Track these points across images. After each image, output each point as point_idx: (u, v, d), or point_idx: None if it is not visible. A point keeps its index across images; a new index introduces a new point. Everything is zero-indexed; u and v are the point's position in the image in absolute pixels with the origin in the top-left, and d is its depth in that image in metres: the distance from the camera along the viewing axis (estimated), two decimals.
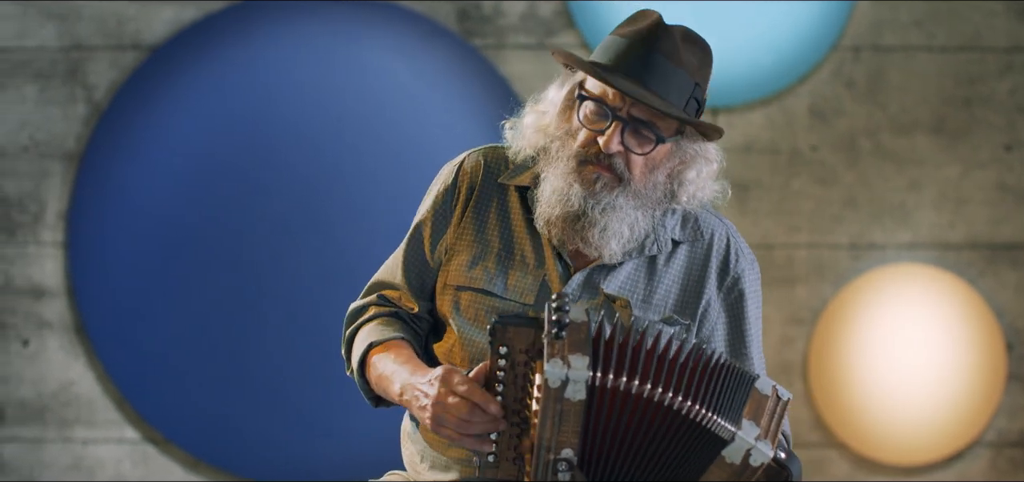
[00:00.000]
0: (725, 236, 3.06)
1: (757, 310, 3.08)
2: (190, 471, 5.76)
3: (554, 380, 2.68)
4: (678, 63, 2.92)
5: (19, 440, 5.79)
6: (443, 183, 3.08)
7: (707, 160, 3.01)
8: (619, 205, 2.92)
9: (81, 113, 5.77)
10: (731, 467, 2.70)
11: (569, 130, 2.96)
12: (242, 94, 5.72)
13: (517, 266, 2.99)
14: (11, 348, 5.80)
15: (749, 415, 2.70)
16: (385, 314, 3.07)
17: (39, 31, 5.77)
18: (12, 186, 5.78)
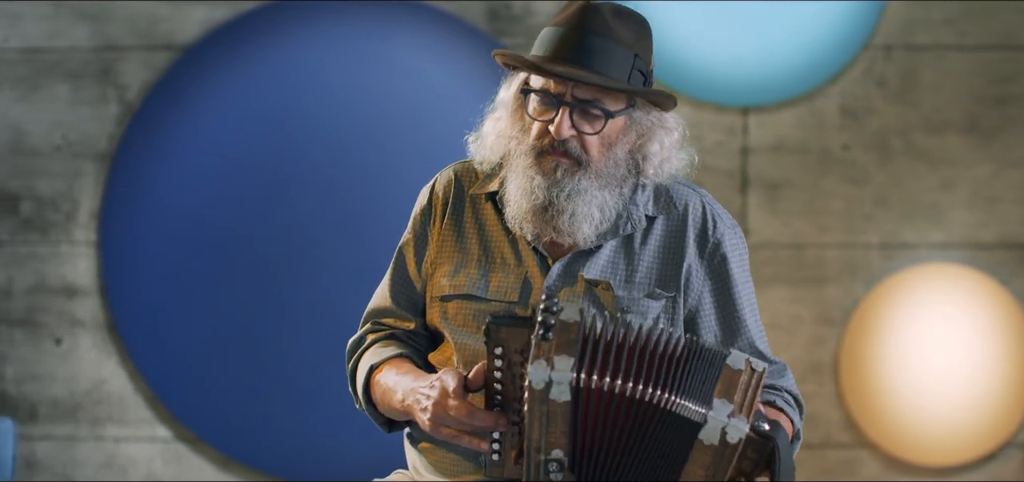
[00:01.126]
0: (700, 204, 3.06)
1: (743, 273, 3.07)
2: (221, 469, 5.78)
3: (538, 382, 2.70)
4: (613, 39, 2.93)
5: (52, 438, 5.82)
6: (419, 205, 3.14)
7: (667, 130, 3.03)
8: (583, 188, 2.95)
9: (113, 113, 5.80)
10: (711, 448, 2.68)
11: (523, 127, 2.99)
12: (273, 94, 5.73)
13: (498, 268, 3.03)
14: (44, 347, 5.82)
15: (721, 393, 2.69)
16: (382, 337, 3.12)
17: (72, 31, 5.79)
18: (45, 186, 5.81)
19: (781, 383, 3.05)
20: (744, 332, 3.04)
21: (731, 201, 5.59)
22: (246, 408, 5.73)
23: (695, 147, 5.56)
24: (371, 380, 3.05)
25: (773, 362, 3.06)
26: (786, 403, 3.02)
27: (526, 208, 2.97)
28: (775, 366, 3.06)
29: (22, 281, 5.81)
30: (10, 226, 5.81)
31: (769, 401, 3.00)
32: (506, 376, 2.78)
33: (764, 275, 5.59)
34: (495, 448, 2.81)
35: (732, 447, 2.68)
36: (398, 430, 3.10)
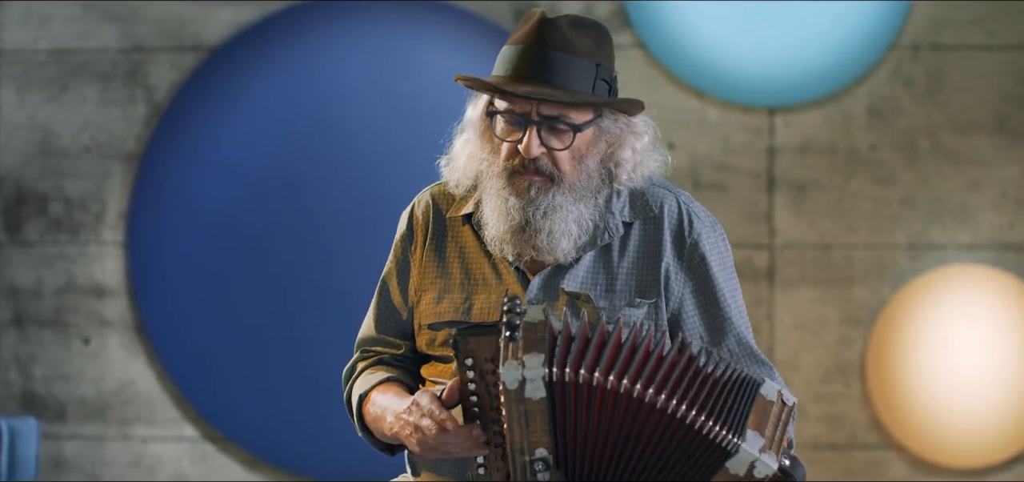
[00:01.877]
0: (676, 205, 3.04)
1: (724, 269, 3.04)
2: (248, 469, 5.79)
3: (511, 382, 2.69)
4: (573, 52, 2.91)
5: (80, 438, 5.84)
6: (399, 232, 3.14)
7: (637, 135, 3.01)
8: (558, 204, 2.93)
9: (141, 114, 5.81)
10: (735, 477, 2.67)
11: (492, 149, 2.97)
12: (300, 94, 5.74)
13: (480, 290, 3.02)
14: (73, 346, 5.84)
15: (754, 425, 2.67)
16: (370, 363, 3.12)
17: (100, 33, 5.81)
18: (74, 186, 5.82)
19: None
20: (731, 330, 3.00)
21: (758, 202, 5.58)
22: (273, 408, 5.74)
23: (721, 148, 5.58)
24: (363, 409, 3.06)
25: (763, 363, 3.02)
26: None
27: (504, 229, 2.95)
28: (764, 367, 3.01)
29: (51, 281, 5.83)
30: (39, 226, 5.83)
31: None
32: (480, 386, 2.77)
33: (790, 276, 5.57)
34: (480, 461, 2.81)
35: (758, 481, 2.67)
36: (401, 452, 3.10)
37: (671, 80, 5.61)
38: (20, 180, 5.83)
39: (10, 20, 5.83)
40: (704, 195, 5.58)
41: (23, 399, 5.83)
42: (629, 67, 5.61)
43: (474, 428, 2.80)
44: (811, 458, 5.55)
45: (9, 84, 5.84)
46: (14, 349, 5.84)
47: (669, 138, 5.61)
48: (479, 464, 2.80)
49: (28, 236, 5.83)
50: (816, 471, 5.56)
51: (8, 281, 5.84)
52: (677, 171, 5.60)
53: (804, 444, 5.56)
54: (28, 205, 5.84)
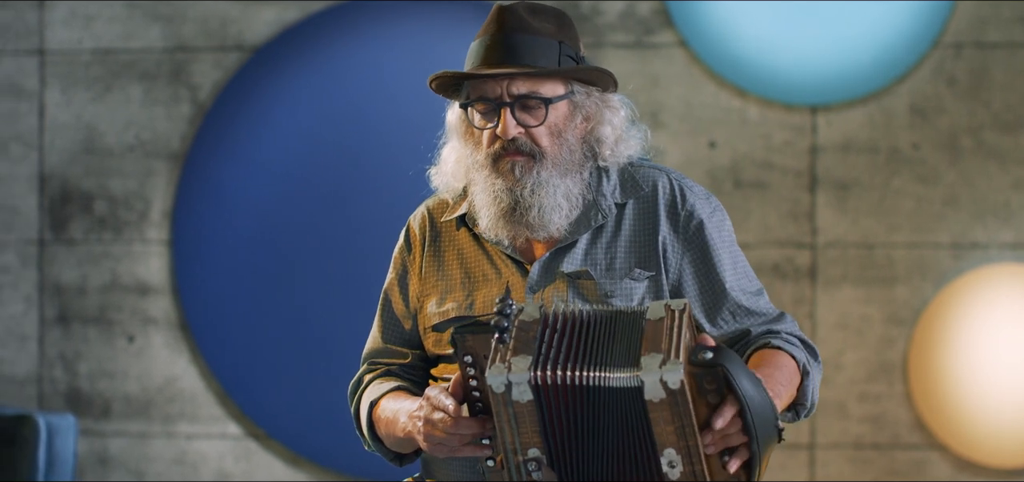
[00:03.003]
0: (668, 181, 3.08)
1: (722, 237, 3.06)
2: (290, 466, 5.81)
3: (497, 386, 2.70)
4: (533, 32, 2.99)
5: (125, 434, 5.87)
6: (398, 247, 3.21)
7: (613, 109, 3.06)
8: (544, 180, 2.99)
9: (185, 113, 5.84)
10: (662, 404, 2.64)
11: (474, 142, 3.03)
12: (342, 93, 5.76)
13: (481, 285, 3.07)
14: (117, 344, 5.87)
15: (647, 349, 2.66)
16: (378, 374, 3.16)
17: (145, 33, 5.84)
18: (118, 185, 5.86)
19: (779, 327, 3.02)
20: (728, 297, 3.02)
21: (800, 201, 5.56)
22: (315, 406, 5.75)
23: (763, 146, 5.56)
24: (373, 417, 3.09)
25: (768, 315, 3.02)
26: (785, 342, 2.98)
27: (495, 214, 3.00)
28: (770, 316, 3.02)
29: (96, 279, 5.87)
30: (84, 225, 5.87)
31: (763, 344, 2.96)
32: (481, 382, 2.78)
33: (833, 275, 5.56)
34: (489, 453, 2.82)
35: (680, 392, 2.63)
36: (409, 463, 3.12)
37: (713, 78, 5.60)
38: (65, 179, 5.87)
39: (55, 20, 5.87)
40: (745, 194, 5.57)
41: (68, 396, 5.87)
42: (671, 66, 5.60)
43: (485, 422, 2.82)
44: (854, 457, 5.54)
45: (54, 83, 5.88)
46: (59, 347, 5.88)
47: (710, 136, 5.60)
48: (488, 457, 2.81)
49: (73, 234, 5.87)
50: (859, 470, 5.54)
51: (53, 279, 5.88)
52: (718, 169, 5.59)
53: (847, 444, 5.54)
54: (73, 203, 5.87)
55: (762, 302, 3.04)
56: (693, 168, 5.58)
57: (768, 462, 2.75)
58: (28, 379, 5.89)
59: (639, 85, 5.59)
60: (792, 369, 2.94)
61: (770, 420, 2.69)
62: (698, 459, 2.67)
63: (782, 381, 2.89)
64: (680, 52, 5.62)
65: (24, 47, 5.89)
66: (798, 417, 2.97)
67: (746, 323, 3.01)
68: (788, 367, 2.93)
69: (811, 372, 2.98)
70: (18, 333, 5.89)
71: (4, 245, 5.90)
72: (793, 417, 2.95)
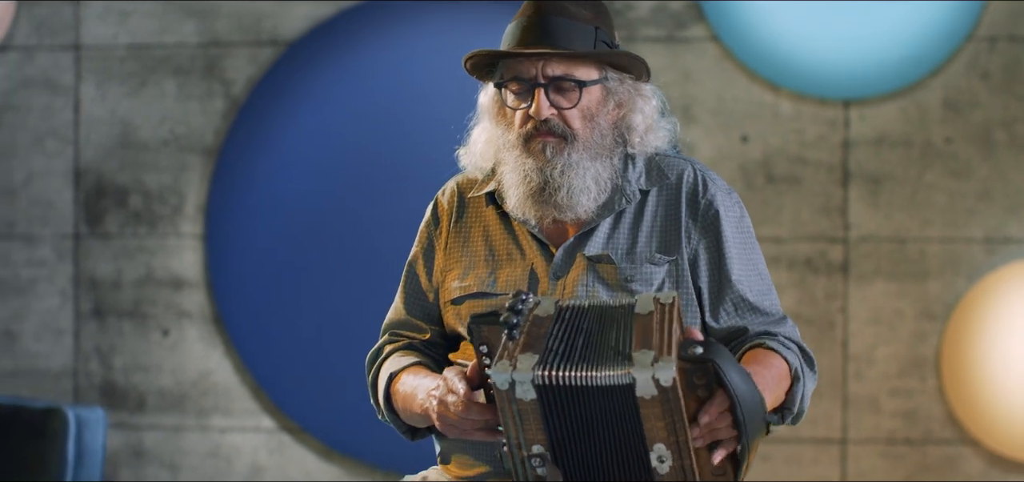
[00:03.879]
0: (693, 172, 3.10)
1: (738, 232, 3.07)
2: (324, 460, 5.83)
3: (501, 383, 2.70)
4: (570, 16, 3.00)
5: (159, 428, 5.90)
6: (425, 221, 3.22)
7: (644, 97, 3.08)
8: (574, 162, 3.00)
9: (219, 108, 5.86)
10: (654, 401, 2.64)
11: (506, 123, 3.05)
12: (375, 89, 5.77)
13: (505, 263, 3.08)
14: (152, 338, 5.90)
15: (638, 345, 2.65)
16: (400, 347, 3.18)
17: (179, 28, 5.87)
18: (153, 180, 5.88)
19: (777, 329, 3.02)
20: (732, 287, 3.03)
21: (832, 195, 5.55)
22: (348, 399, 5.77)
23: (796, 140, 5.55)
24: (391, 389, 3.10)
25: (770, 314, 3.04)
26: (781, 344, 2.98)
27: (524, 193, 3.02)
28: (771, 317, 3.04)
29: (130, 273, 5.90)
30: (119, 219, 5.90)
31: (758, 343, 2.97)
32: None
33: (865, 269, 5.54)
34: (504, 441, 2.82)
35: (671, 389, 2.63)
36: (421, 438, 3.14)
37: (745, 73, 5.59)
38: (100, 173, 5.90)
39: (91, 16, 5.90)
40: (778, 188, 5.56)
41: (103, 390, 5.90)
42: (703, 60, 5.60)
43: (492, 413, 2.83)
44: (886, 453, 5.52)
45: (90, 79, 5.91)
46: (94, 340, 5.92)
47: (743, 131, 5.59)
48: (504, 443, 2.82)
49: (108, 228, 5.90)
50: (891, 466, 5.53)
51: (88, 273, 5.92)
52: (750, 164, 5.58)
53: (879, 439, 5.53)
54: (108, 198, 5.90)
55: (768, 301, 3.05)
56: (725, 162, 5.57)
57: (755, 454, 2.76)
58: (64, 372, 5.92)
59: (671, 79, 5.59)
60: (782, 371, 2.94)
61: (759, 414, 2.69)
62: (688, 454, 2.67)
63: (769, 380, 2.89)
64: (712, 46, 5.61)
65: (60, 42, 5.92)
66: (783, 421, 2.96)
67: (746, 319, 3.01)
68: (778, 368, 2.94)
69: (803, 379, 2.98)
70: (54, 327, 5.93)
71: (40, 239, 5.94)
72: (779, 421, 2.93)
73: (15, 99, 5.95)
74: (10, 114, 5.95)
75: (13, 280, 5.95)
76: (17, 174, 5.94)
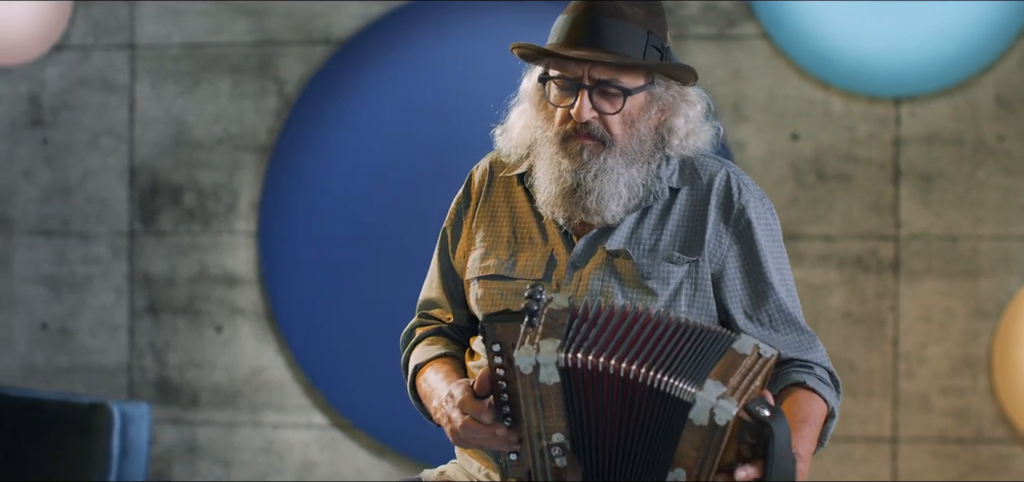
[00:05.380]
0: (725, 175, 3.07)
1: (771, 240, 3.05)
2: (375, 457, 5.85)
3: (525, 367, 2.72)
4: (623, 18, 2.96)
5: (213, 423, 5.94)
6: (457, 197, 3.23)
7: (689, 103, 3.04)
8: (609, 167, 2.98)
9: (272, 106, 5.90)
10: (700, 429, 2.64)
11: (546, 116, 3.03)
12: (427, 87, 5.79)
13: (526, 248, 3.07)
14: (205, 334, 5.94)
15: (717, 374, 2.66)
16: (430, 332, 3.19)
17: (232, 27, 5.90)
18: (207, 177, 5.93)
19: (811, 357, 3.01)
20: (772, 295, 3.01)
21: (883, 192, 5.52)
22: (400, 396, 5.75)
23: (846, 138, 5.53)
24: (417, 380, 3.12)
25: (804, 331, 3.02)
26: (820, 380, 2.97)
27: (556, 192, 3.00)
28: (805, 336, 3.02)
29: (185, 270, 5.94)
30: (173, 217, 5.94)
31: (799, 381, 2.95)
32: (508, 373, 2.79)
33: (916, 268, 5.51)
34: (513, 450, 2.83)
35: (721, 429, 2.64)
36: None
37: (796, 70, 5.57)
38: (155, 171, 5.95)
39: (145, 15, 5.95)
40: (829, 186, 5.54)
41: (157, 386, 5.95)
42: (753, 58, 5.58)
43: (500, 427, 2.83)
44: (937, 452, 5.49)
45: (145, 78, 5.96)
46: (149, 337, 5.96)
47: (793, 128, 5.57)
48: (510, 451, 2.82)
49: (162, 226, 5.95)
50: (942, 465, 5.49)
51: (143, 270, 5.97)
52: (801, 162, 5.56)
53: (931, 438, 5.50)
54: (162, 196, 5.95)
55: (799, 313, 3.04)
56: (776, 160, 5.56)
57: None
58: (118, 369, 5.97)
59: (722, 77, 5.57)
60: (822, 415, 2.93)
61: None
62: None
63: (815, 438, 2.90)
64: (763, 44, 5.59)
65: (115, 42, 5.97)
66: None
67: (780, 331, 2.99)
68: (819, 414, 2.93)
69: (835, 414, 2.98)
70: (109, 323, 5.98)
71: (95, 237, 5.99)
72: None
73: (71, 98, 6.00)
74: (66, 113, 6.01)
75: (69, 277, 6.01)
76: (73, 172, 6.00)
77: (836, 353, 5.49)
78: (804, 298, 5.50)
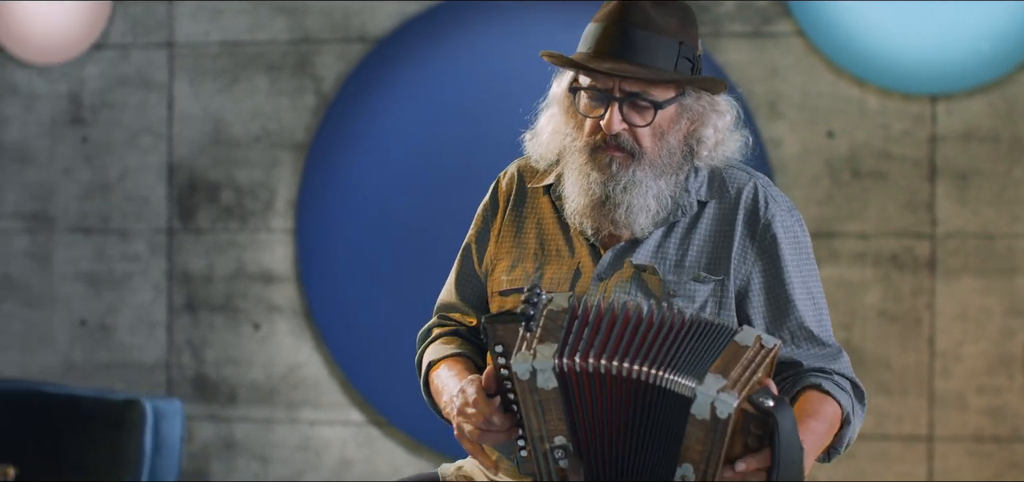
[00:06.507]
0: (753, 187, 3.03)
1: (796, 254, 3.02)
2: (412, 454, 5.86)
3: (523, 373, 2.71)
4: (655, 29, 2.93)
5: (250, 420, 5.97)
6: (483, 203, 3.21)
7: (719, 113, 3.01)
8: (639, 180, 2.96)
9: (309, 104, 5.92)
10: (703, 424, 2.64)
11: (576, 125, 3.00)
12: (465, 86, 5.80)
13: (553, 261, 3.05)
14: (243, 332, 5.97)
15: (717, 368, 2.64)
16: (446, 333, 3.18)
17: (270, 25, 5.93)
18: (245, 175, 5.95)
19: (834, 366, 2.98)
20: (792, 312, 2.99)
21: (919, 191, 5.50)
22: None
23: (882, 136, 5.51)
24: (429, 377, 3.12)
25: (827, 345, 3.00)
26: (837, 386, 2.95)
27: (584, 204, 2.98)
28: (828, 349, 3.00)
29: (222, 268, 5.97)
30: (211, 214, 5.97)
31: (815, 384, 2.93)
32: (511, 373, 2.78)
33: (952, 266, 5.49)
34: (522, 444, 2.84)
35: (724, 422, 2.63)
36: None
37: (831, 68, 5.56)
38: (193, 169, 5.98)
39: (184, 14, 5.98)
40: (864, 184, 5.53)
41: (195, 382, 5.98)
42: (788, 55, 5.57)
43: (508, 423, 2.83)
44: (973, 450, 5.47)
45: (183, 76, 5.99)
46: (187, 334, 6.00)
47: (829, 126, 5.56)
48: (522, 448, 2.83)
49: (200, 223, 5.98)
50: (978, 464, 5.47)
51: (181, 267, 6.00)
52: (836, 159, 5.55)
53: (966, 436, 5.48)
54: (201, 193, 5.98)
55: (824, 330, 3.01)
56: (811, 158, 5.55)
57: None
58: (157, 365, 6.01)
59: (757, 75, 5.57)
60: (834, 417, 2.91)
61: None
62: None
63: (822, 432, 2.88)
64: (798, 41, 5.58)
65: (154, 40, 6.01)
66: (829, 459, 2.95)
67: (802, 349, 2.98)
68: (832, 416, 2.91)
69: (853, 420, 2.96)
70: (148, 320, 6.02)
71: (134, 234, 6.03)
72: (825, 459, 2.93)
73: (111, 96, 6.04)
74: (106, 111, 6.05)
75: (108, 274, 6.05)
76: (112, 170, 6.04)
77: (871, 351, 5.48)
78: (840, 296, 5.49)
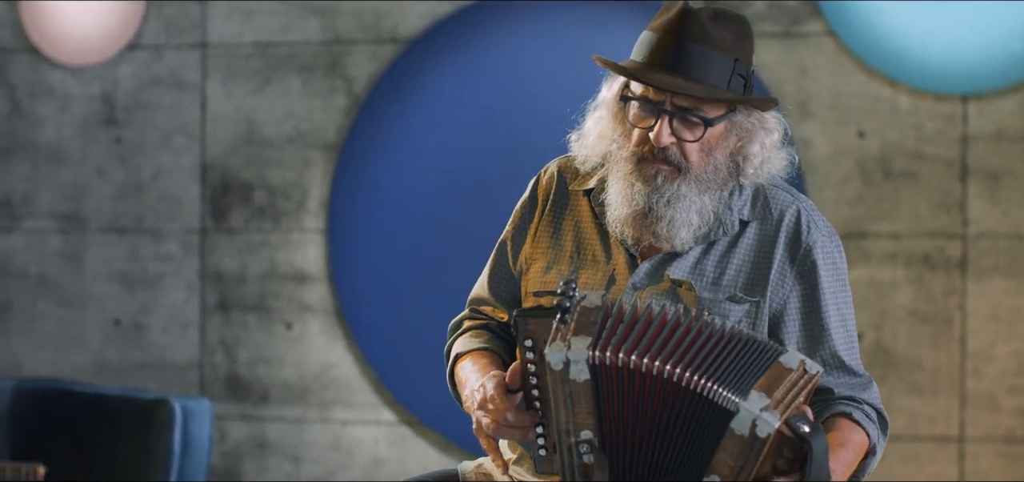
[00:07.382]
0: (796, 211, 3.01)
1: (834, 281, 3.01)
2: (443, 453, 5.87)
3: (556, 363, 2.72)
4: (711, 45, 2.90)
5: (282, 420, 5.99)
6: (522, 199, 3.19)
7: (767, 130, 2.99)
8: (683, 194, 2.94)
9: (341, 104, 5.94)
10: (740, 439, 2.65)
11: (624, 133, 2.98)
12: (496, 86, 5.80)
13: (589, 265, 3.05)
14: (275, 331, 5.99)
15: (762, 386, 2.65)
16: (476, 326, 3.17)
17: (302, 26, 5.95)
18: (277, 176, 5.97)
19: (863, 396, 2.98)
20: (826, 341, 2.98)
21: (950, 191, 5.48)
22: None
23: (913, 136, 5.50)
24: (455, 368, 3.12)
25: (857, 375, 2.99)
26: (866, 417, 2.95)
27: (626, 213, 2.97)
28: (859, 379, 2.99)
29: (255, 268, 6.00)
30: (244, 214, 6.00)
31: (846, 412, 2.93)
32: (539, 368, 2.80)
33: (983, 266, 5.47)
34: (541, 443, 2.84)
35: (761, 441, 2.64)
36: None
37: (862, 68, 5.55)
38: (226, 169, 6.01)
39: (217, 15, 6.01)
40: (895, 184, 5.51)
41: (227, 382, 6.01)
42: (819, 55, 5.56)
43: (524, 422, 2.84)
44: (1004, 452, 5.45)
45: (216, 76, 6.02)
46: (219, 333, 6.02)
47: (860, 126, 5.55)
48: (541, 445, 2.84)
49: (233, 223, 6.01)
50: (1010, 465, 5.45)
51: (214, 267, 6.03)
52: (867, 159, 5.54)
53: (998, 438, 5.46)
54: (233, 193, 6.01)
55: (855, 359, 3.01)
56: (842, 158, 5.54)
57: None
58: (190, 365, 6.04)
59: (787, 75, 5.56)
60: (862, 447, 2.93)
61: None
62: None
63: (850, 463, 2.89)
64: (829, 41, 5.57)
65: (187, 41, 6.04)
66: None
67: (833, 379, 2.97)
68: (859, 446, 2.92)
69: (878, 452, 2.97)
70: (180, 320, 6.05)
71: (167, 234, 6.06)
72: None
73: (144, 97, 6.08)
74: (139, 112, 6.08)
75: (141, 274, 6.08)
76: (145, 170, 6.07)
77: (903, 352, 5.46)
78: (871, 296, 5.48)
